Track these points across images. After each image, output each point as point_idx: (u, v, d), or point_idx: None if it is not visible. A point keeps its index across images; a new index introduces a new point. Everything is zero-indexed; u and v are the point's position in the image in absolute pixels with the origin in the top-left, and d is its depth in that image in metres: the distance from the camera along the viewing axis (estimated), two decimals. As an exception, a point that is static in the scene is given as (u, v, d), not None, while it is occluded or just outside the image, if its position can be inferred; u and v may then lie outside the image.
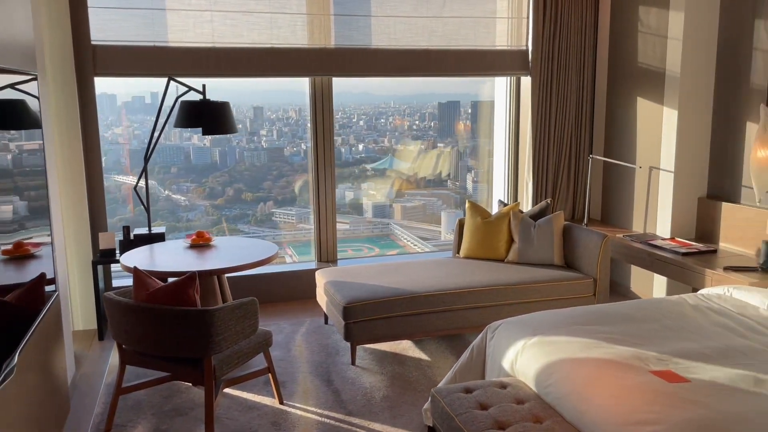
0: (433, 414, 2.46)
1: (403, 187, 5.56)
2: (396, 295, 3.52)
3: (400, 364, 3.55)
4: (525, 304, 3.75)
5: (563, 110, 4.85)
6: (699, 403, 1.95)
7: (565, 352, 2.41)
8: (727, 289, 3.02)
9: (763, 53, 3.73)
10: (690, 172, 4.19)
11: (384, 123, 5.57)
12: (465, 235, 4.26)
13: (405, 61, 4.59)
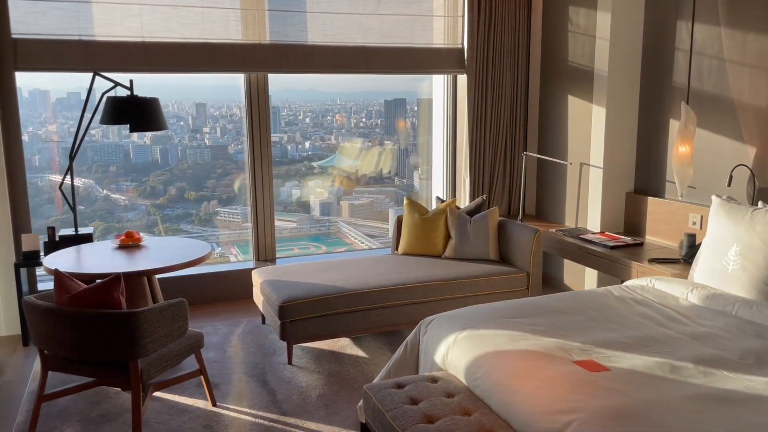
0: (365, 410, 2.46)
1: (348, 184, 5.55)
2: (333, 293, 3.50)
3: (338, 361, 3.54)
4: (461, 299, 3.80)
5: (498, 108, 4.94)
6: (617, 391, 2.01)
7: (494, 344, 2.45)
8: (650, 280, 3.13)
9: (685, 53, 3.89)
10: (618, 168, 4.33)
11: (331, 120, 5.54)
12: (403, 232, 4.28)
13: (342, 57, 4.57)
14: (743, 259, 2.79)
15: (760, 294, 2.72)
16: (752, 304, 2.66)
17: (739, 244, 2.82)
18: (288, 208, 5.39)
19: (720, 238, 2.93)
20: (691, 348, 2.36)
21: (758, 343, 2.40)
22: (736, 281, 2.80)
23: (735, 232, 2.86)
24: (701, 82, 3.78)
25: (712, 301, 2.79)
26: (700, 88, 3.79)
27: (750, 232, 2.79)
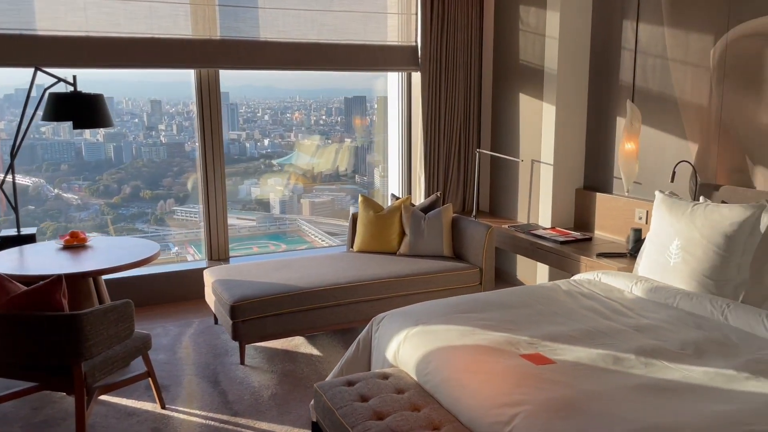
0: (316, 409, 2.45)
1: (307, 182, 5.51)
2: (286, 291, 3.48)
3: (291, 361, 3.51)
4: (415, 296, 3.81)
5: (452, 105, 4.97)
6: (562, 383, 2.05)
7: (444, 340, 2.46)
8: (596, 274, 3.20)
9: (630, 52, 3.98)
10: (568, 164, 4.41)
11: (290, 117, 5.49)
12: (358, 230, 4.28)
13: (295, 54, 4.53)
14: (684, 252, 2.88)
15: (700, 286, 2.81)
16: (692, 296, 2.74)
17: (681, 238, 2.91)
18: (247, 207, 5.33)
19: (662, 232, 3.01)
20: (634, 340, 2.42)
21: (698, 333, 2.48)
22: (678, 274, 2.89)
23: (676, 226, 2.94)
24: (646, 80, 3.89)
25: (655, 293, 2.87)
26: (645, 87, 3.90)
27: (690, 227, 2.88)
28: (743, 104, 3.34)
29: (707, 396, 1.97)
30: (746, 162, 3.36)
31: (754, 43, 3.26)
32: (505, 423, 1.91)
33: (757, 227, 2.74)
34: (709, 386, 2.04)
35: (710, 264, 2.78)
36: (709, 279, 2.78)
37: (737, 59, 3.35)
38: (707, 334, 2.46)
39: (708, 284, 2.79)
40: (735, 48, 3.36)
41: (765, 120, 3.24)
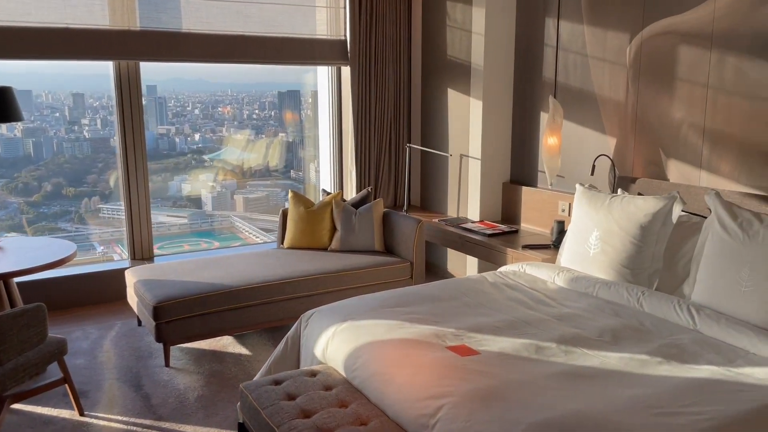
0: (242, 409, 2.40)
1: (239, 177, 5.39)
2: (212, 290, 3.39)
3: (219, 361, 3.43)
4: (346, 291, 3.80)
5: (382, 100, 4.98)
6: (486, 373, 2.09)
7: (372, 335, 2.46)
8: (521, 265, 3.28)
9: (552, 49, 4.09)
10: (494, 159, 4.50)
11: (221, 112, 5.35)
12: (288, 226, 4.22)
13: (220, 46, 4.42)
14: (603, 243, 2.98)
15: (618, 275, 2.92)
16: (611, 285, 2.85)
17: (599, 229, 3.01)
18: (178, 204, 5.17)
19: (582, 224, 3.11)
20: (556, 328, 2.49)
21: (615, 321, 2.57)
22: (597, 264, 2.99)
23: (595, 218, 3.05)
24: (567, 77, 4.00)
25: (576, 283, 2.97)
26: (567, 83, 4.01)
27: (608, 218, 2.99)
28: (657, 100, 3.49)
29: (623, 381, 2.05)
30: (660, 155, 3.51)
31: (666, 41, 3.41)
32: (431, 415, 1.93)
33: (669, 218, 2.87)
34: (624, 371, 2.12)
35: (627, 254, 2.90)
36: (626, 268, 2.90)
37: (651, 57, 3.49)
38: (624, 321, 2.56)
39: (625, 273, 2.90)
40: (649, 46, 3.50)
41: (677, 115, 3.40)
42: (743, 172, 3.11)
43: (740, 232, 2.47)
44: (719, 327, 2.37)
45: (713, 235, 2.59)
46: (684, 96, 3.34)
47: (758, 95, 3.01)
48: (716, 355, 2.23)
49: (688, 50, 3.30)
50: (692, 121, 3.32)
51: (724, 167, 3.20)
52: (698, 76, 3.26)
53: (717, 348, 2.29)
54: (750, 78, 3.03)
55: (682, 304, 2.56)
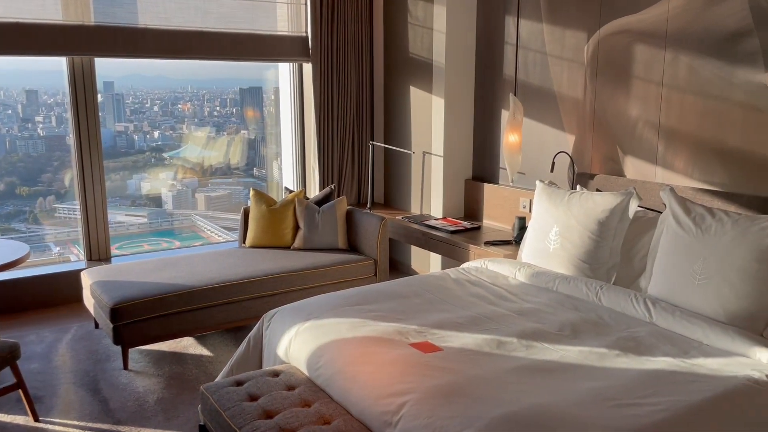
0: (203, 412, 2.36)
1: (199, 175, 5.30)
2: (172, 291, 3.33)
3: (180, 363, 3.37)
4: (310, 290, 3.78)
5: (345, 97, 4.96)
6: (448, 369, 2.10)
7: (335, 333, 2.45)
8: (483, 262, 3.31)
9: (512, 47, 4.14)
10: (457, 156, 4.53)
11: (181, 108, 5.25)
12: (250, 224, 4.18)
13: (177, 42, 4.33)
14: (562, 238, 3.03)
15: (577, 270, 2.97)
16: (570, 279, 2.89)
17: (559, 224, 3.06)
18: (137, 203, 5.06)
19: (543, 219, 3.15)
20: (517, 323, 2.52)
21: (575, 315, 2.62)
22: (557, 259, 3.04)
23: (555, 213, 3.09)
24: (527, 74, 4.05)
25: (536, 278, 3.00)
26: (527, 81, 4.06)
27: (567, 214, 3.04)
28: (614, 98, 3.56)
29: (582, 374, 2.08)
30: (617, 152, 3.59)
31: (622, 40, 3.47)
32: (394, 412, 1.93)
33: (626, 213, 2.94)
34: (583, 365, 2.16)
35: (585, 249, 2.95)
36: (585, 263, 2.95)
37: (608, 55, 3.56)
38: (583, 315, 2.60)
39: (584, 268, 2.95)
40: (606, 45, 3.57)
41: (633, 112, 3.47)
42: (696, 168, 3.20)
43: (693, 226, 2.54)
44: (674, 319, 2.43)
45: (668, 229, 2.65)
46: (640, 94, 3.42)
47: (710, 93, 3.09)
48: (671, 347, 2.29)
49: (643, 49, 3.37)
50: (648, 119, 3.39)
51: (678, 163, 3.28)
52: (653, 75, 3.34)
53: (672, 340, 2.34)
54: (702, 76, 3.12)
55: (638, 298, 2.61)
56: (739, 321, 2.33)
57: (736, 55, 2.97)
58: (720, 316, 2.37)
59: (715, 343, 2.28)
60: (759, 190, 2.96)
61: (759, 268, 2.30)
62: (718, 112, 3.08)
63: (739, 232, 2.38)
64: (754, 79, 2.91)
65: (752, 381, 2.01)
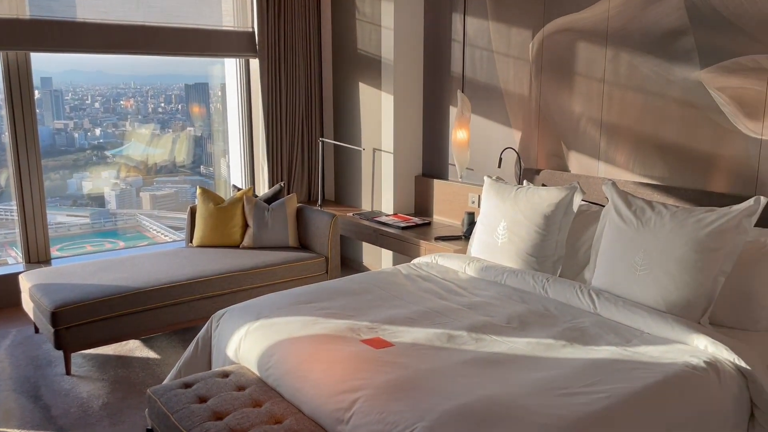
0: (150, 415, 2.30)
1: (147, 174, 5.16)
2: (116, 293, 3.23)
3: (125, 366, 3.28)
4: (260, 288, 3.73)
5: (293, 94, 4.91)
6: (399, 364, 2.11)
7: (286, 332, 2.43)
8: (434, 257, 3.34)
9: (459, 44, 4.18)
10: (407, 152, 4.55)
11: (124, 105, 5.09)
12: (197, 223, 4.09)
13: (119, 36, 4.20)
14: (510, 233, 3.08)
15: (525, 263, 3.03)
16: (518, 273, 2.95)
17: (506, 219, 3.11)
18: (78, 202, 4.90)
19: (491, 214, 3.20)
20: (467, 317, 2.55)
21: (522, 307, 2.67)
22: (505, 253, 3.09)
23: (502, 208, 3.15)
24: (474, 71, 4.10)
25: (485, 272, 3.05)
26: (474, 78, 4.11)
27: (514, 208, 3.10)
28: (558, 94, 3.64)
29: (529, 365, 2.13)
30: (562, 148, 3.67)
31: (565, 38, 3.56)
32: (346, 409, 1.93)
33: (570, 207, 3.01)
34: (531, 356, 2.20)
35: (532, 242, 3.01)
36: (532, 256, 3.01)
37: (552, 53, 3.64)
38: (530, 308, 2.66)
39: (531, 261, 3.01)
40: (550, 42, 3.64)
41: (576, 109, 3.56)
42: (637, 163, 3.31)
43: (634, 219, 2.62)
44: (617, 309, 2.51)
45: (610, 222, 2.73)
46: (582, 91, 3.51)
47: (649, 90, 3.20)
48: (614, 336, 2.36)
49: (585, 47, 3.46)
50: (590, 115, 3.49)
51: (619, 158, 3.39)
52: (595, 72, 3.43)
53: (615, 329, 2.42)
54: (641, 73, 3.22)
55: (583, 289, 2.68)
56: (678, 310, 2.42)
57: (673, 53, 3.08)
58: (660, 306, 2.46)
59: (655, 331, 2.36)
60: (695, 184, 3.08)
61: (696, 258, 2.40)
62: (656, 109, 3.19)
63: (677, 224, 2.48)
64: (690, 76, 3.03)
65: (690, 367, 2.10)
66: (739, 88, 2.87)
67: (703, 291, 2.40)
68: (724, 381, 2.09)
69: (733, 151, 2.92)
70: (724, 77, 2.91)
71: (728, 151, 2.94)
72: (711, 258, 2.38)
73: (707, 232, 2.40)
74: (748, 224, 2.39)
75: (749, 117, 2.85)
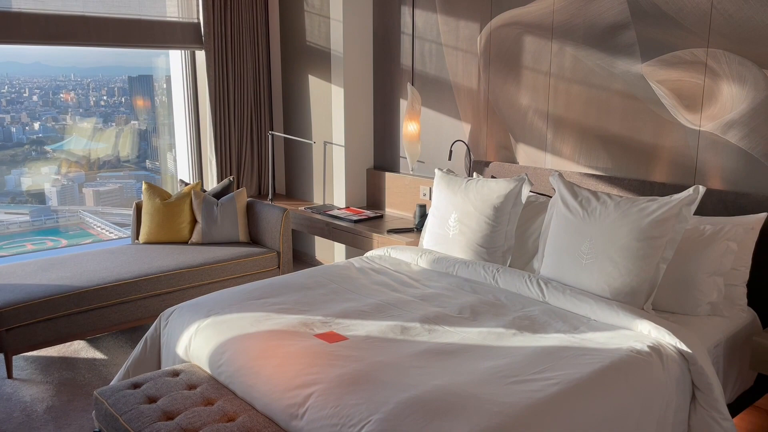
0: (97, 417, 2.24)
1: (91, 169, 4.99)
2: (59, 292, 3.13)
3: (71, 368, 3.18)
4: (210, 285, 3.67)
5: (241, 86, 4.83)
6: (353, 358, 2.11)
7: (238, 328, 2.40)
8: (386, 249, 3.35)
9: (408, 37, 4.19)
10: (358, 145, 4.54)
11: (65, 99, 4.90)
12: (144, 219, 3.99)
13: (57, 27, 4.04)
14: (461, 224, 3.12)
15: (475, 255, 3.07)
16: (469, 264, 2.99)
17: (457, 211, 3.14)
18: (17, 200, 4.72)
19: (442, 206, 3.23)
20: (419, 309, 2.57)
21: (474, 297, 2.70)
22: (456, 245, 3.13)
23: (453, 200, 3.18)
24: (424, 64, 4.12)
25: (437, 264, 3.08)
26: (424, 70, 4.13)
27: (465, 201, 3.13)
28: (506, 87, 3.70)
29: (481, 354, 2.16)
30: (510, 140, 3.73)
31: (512, 31, 3.61)
32: (300, 404, 1.92)
33: (519, 198, 3.06)
34: (483, 345, 2.24)
35: (482, 234, 3.05)
36: (482, 247, 3.05)
37: (499, 46, 3.69)
38: (481, 298, 2.70)
39: (481, 252, 3.06)
40: (497, 36, 3.69)
41: (524, 102, 3.62)
42: (582, 154, 3.39)
43: (580, 209, 2.69)
44: (565, 298, 2.57)
45: (557, 213, 2.79)
46: (529, 84, 3.57)
47: (593, 83, 3.28)
48: (563, 324, 2.42)
49: (531, 40, 3.52)
50: (537, 108, 3.55)
51: (566, 150, 3.46)
52: (541, 65, 3.49)
53: (564, 317, 2.48)
54: (586, 67, 3.30)
55: (532, 279, 2.74)
56: (623, 296, 2.50)
57: (615, 46, 3.16)
58: (606, 293, 2.53)
59: (601, 318, 2.43)
60: (638, 174, 3.18)
61: (639, 246, 2.48)
62: (600, 101, 3.27)
63: (621, 213, 2.55)
64: (632, 69, 3.12)
65: (635, 352, 2.17)
66: (678, 80, 2.97)
67: (647, 278, 2.48)
68: (667, 364, 2.17)
69: (673, 141, 3.03)
70: (664, 70, 3.01)
71: (669, 142, 3.05)
72: (653, 246, 2.47)
73: (649, 221, 2.48)
74: (688, 213, 2.48)
75: (688, 109, 2.96)
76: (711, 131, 2.90)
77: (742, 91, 2.77)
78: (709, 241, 2.59)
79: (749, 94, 2.75)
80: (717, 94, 2.85)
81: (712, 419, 2.20)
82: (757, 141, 2.76)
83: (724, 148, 2.86)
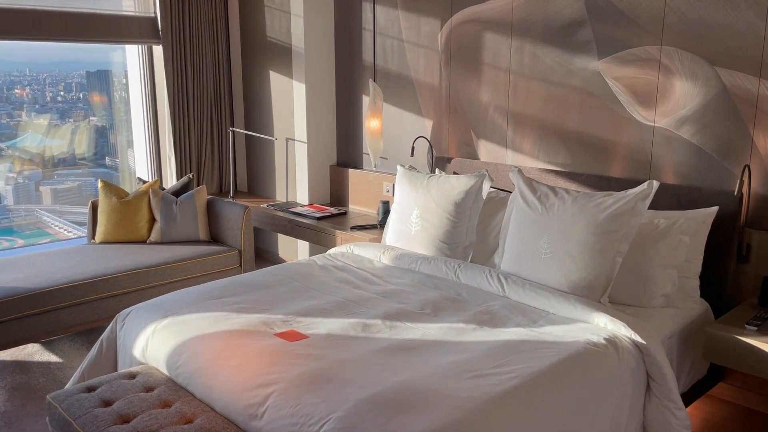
0: (50, 422, 2.18)
1: (47, 167, 4.86)
2: (11, 294, 3.03)
3: (24, 372, 3.09)
4: (170, 285, 3.61)
5: (200, 82, 4.75)
6: (314, 356, 2.10)
7: (196, 329, 2.36)
8: (349, 246, 3.33)
9: (370, 33, 4.18)
10: (321, 142, 4.51)
11: (19, 94, 4.75)
12: (100, 218, 3.90)
13: (8, 22, 3.91)
14: (423, 221, 3.13)
15: (437, 251, 3.08)
16: (431, 260, 2.99)
17: (419, 207, 3.15)
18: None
19: (404, 203, 3.24)
20: (381, 305, 2.57)
21: (435, 293, 2.72)
22: (419, 241, 3.13)
23: (415, 197, 3.18)
24: (386, 60, 4.11)
25: (400, 260, 3.08)
26: (385, 67, 4.12)
27: (427, 197, 3.14)
28: (466, 84, 3.72)
29: (442, 350, 2.17)
30: (472, 136, 3.76)
31: (472, 28, 3.63)
32: (259, 404, 1.90)
33: (479, 194, 3.09)
34: (444, 341, 2.25)
35: (444, 229, 3.06)
36: (444, 243, 3.07)
37: (460, 43, 3.70)
38: (443, 293, 2.71)
39: (443, 248, 3.07)
40: (458, 33, 3.70)
41: (484, 98, 3.64)
42: (542, 150, 3.43)
43: (539, 204, 2.72)
44: (524, 292, 2.60)
45: (517, 208, 2.82)
46: (490, 80, 3.59)
47: (551, 80, 3.32)
48: (522, 318, 2.45)
49: (491, 37, 3.54)
50: (498, 104, 3.58)
51: (525, 146, 3.50)
52: (501, 62, 3.52)
53: (523, 311, 2.51)
54: (544, 64, 3.34)
55: (492, 274, 2.76)
56: (580, 290, 2.54)
57: (573, 44, 3.21)
58: (564, 287, 2.57)
59: (559, 311, 2.47)
60: (595, 169, 3.24)
61: (596, 241, 2.52)
62: (559, 98, 3.31)
63: (578, 208, 2.59)
64: (589, 66, 3.17)
65: (592, 344, 2.21)
66: (633, 77, 3.03)
67: (603, 271, 2.52)
68: (623, 356, 2.21)
69: (629, 137, 3.09)
70: (620, 67, 3.06)
71: (624, 138, 3.10)
72: (609, 240, 2.51)
73: (606, 216, 2.52)
74: (643, 207, 2.53)
75: (643, 105, 3.02)
76: (665, 127, 2.96)
77: (695, 88, 2.84)
78: (663, 234, 2.65)
79: (701, 90, 2.82)
80: (670, 90, 2.92)
81: (666, 408, 2.25)
82: (708, 137, 2.83)
83: (678, 144, 2.93)
